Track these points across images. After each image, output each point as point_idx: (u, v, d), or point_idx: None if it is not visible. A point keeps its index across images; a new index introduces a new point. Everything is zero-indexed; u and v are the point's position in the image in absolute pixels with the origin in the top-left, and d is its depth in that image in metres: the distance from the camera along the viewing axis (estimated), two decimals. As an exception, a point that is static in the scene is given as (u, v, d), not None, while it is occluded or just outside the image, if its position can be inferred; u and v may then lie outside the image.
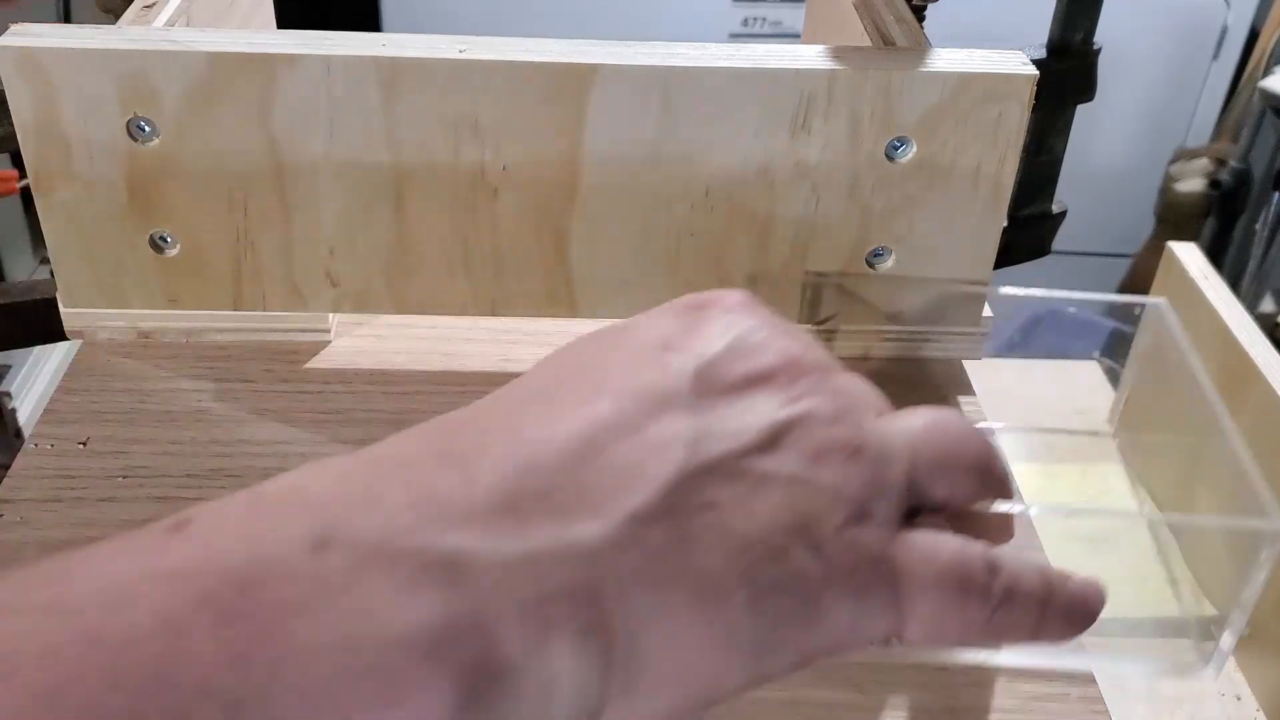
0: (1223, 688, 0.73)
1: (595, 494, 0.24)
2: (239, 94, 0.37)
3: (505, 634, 0.23)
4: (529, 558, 0.23)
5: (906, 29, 0.42)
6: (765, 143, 0.39)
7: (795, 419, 0.27)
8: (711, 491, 0.25)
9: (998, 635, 0.28)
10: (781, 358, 0.28)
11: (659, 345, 0.27)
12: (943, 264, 0.42)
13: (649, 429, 0.25)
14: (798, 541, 0.26)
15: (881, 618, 0.27)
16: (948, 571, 0.27)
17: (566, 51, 0.38)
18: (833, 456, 0.27)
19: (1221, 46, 1.73)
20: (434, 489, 0.23)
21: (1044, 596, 0.28)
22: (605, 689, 0.24)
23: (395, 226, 0.40)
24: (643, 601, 0.24)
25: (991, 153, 0.40)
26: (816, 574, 0.26)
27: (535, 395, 0.27)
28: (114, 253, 0.41)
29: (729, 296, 0.29)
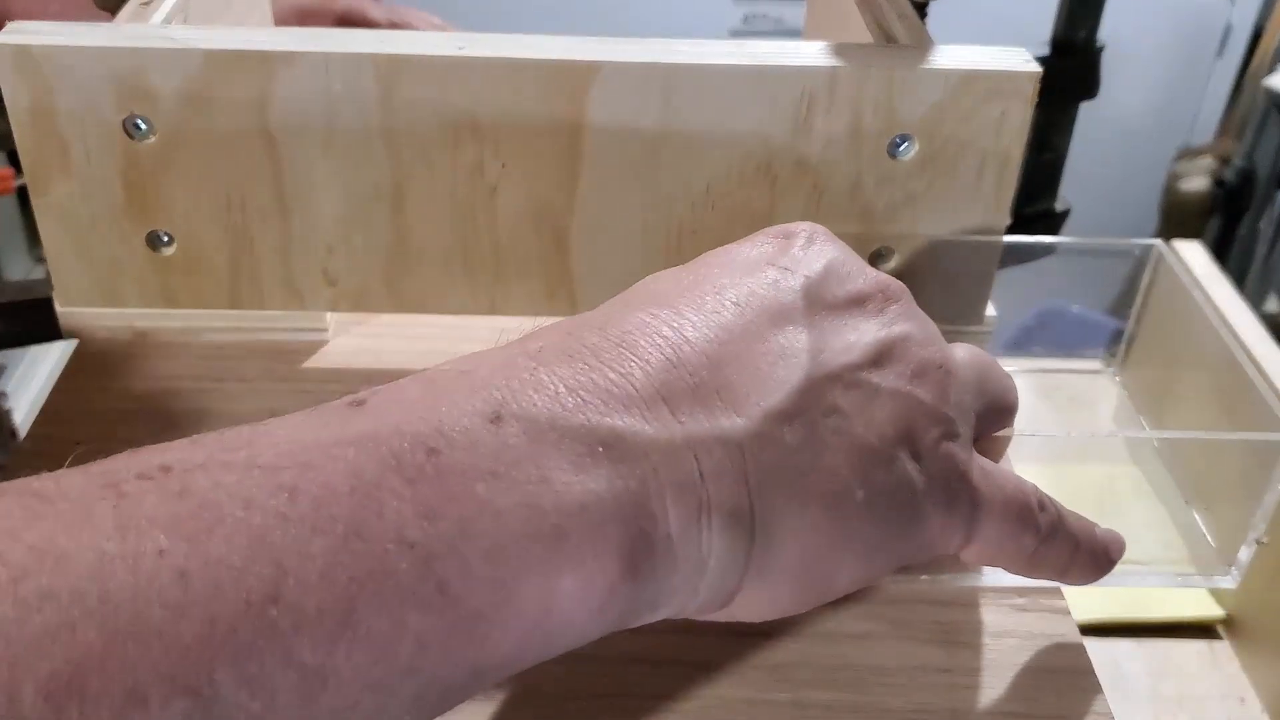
0: (1226, 689, 0.73)
1: (734, 392, 0.26)
2: (236, 92, 0.37)
3: (665, 510, 0.24)
4: (686, 441, 0.25)
5: (909, 26, 0.42)
6: (766, 140, 0.39)
7: (895, 338, 0.29)
8: (834, 398, 0.27)
9: (1037, 567, 0.31)
10: (873, 284, 0.30)
11: (765, 262, 0.29)
12: (946, 263, 0.42)
13: (774, 338, 0.27)
14: (904, 451, 0.28)
15: (957, 533, 0.29)
16: (1013, 500, 0.30)
17: (566, 49, 0.38)
18: (930, 375, 0.29)
19: (1225, 44, 1.72)
20: (593, 377, 0.25)
21: (1077, 539, 0.31)
22: (745, 570, 0.26)
23: (393, 225, 0.40)
24: (779, 494, 0.26)
25: (994, 151, 0.39)
26: (919, 484, 0.28)
27: (661, 301, 0.28)
28: (110, 251, 0.40)
29: (812, 226, 0.31)
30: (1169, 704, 0.72)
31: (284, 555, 0.20)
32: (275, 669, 0.19)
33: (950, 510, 0.29)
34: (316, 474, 0.21)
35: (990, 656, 0.33)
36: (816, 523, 0.26)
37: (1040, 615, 0.35)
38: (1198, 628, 0.77)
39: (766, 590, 0.27)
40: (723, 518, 0.25)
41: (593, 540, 0.23)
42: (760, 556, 0.26)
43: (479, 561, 0.22)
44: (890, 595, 0.35)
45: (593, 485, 0.23)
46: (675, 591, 0.25)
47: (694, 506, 0.25)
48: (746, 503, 0.26)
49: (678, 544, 0.25)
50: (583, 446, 0.24)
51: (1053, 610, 0.35)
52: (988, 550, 0.30)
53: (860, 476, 0.27)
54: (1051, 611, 0.35)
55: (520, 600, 0.22)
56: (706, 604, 0.27)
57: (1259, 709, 0.72)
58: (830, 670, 0.33)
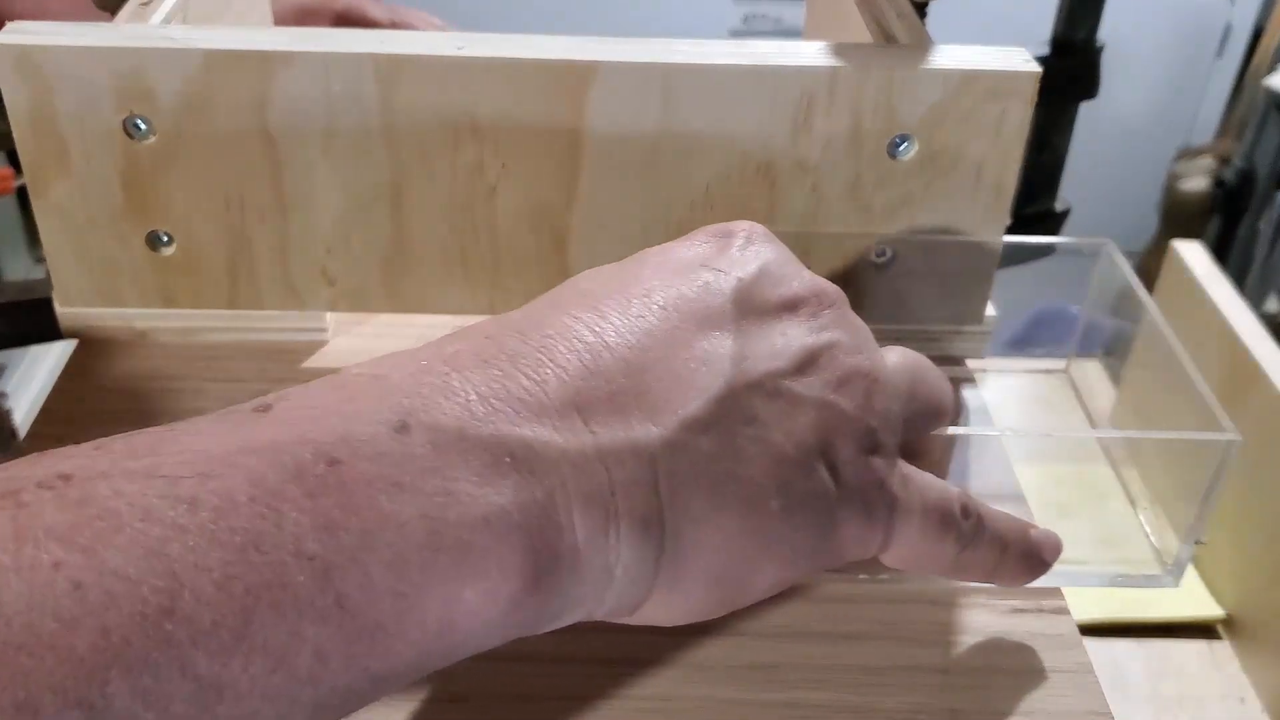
0: (1226, 689, 0.73)
1: (652, 399, 0.26)
2: (236, 91, 0.37)
3: (573, 522, 0.24)
4: (597, 452, 0.25)
5: (908, 26, 0.42)
6: (766, 140, 0.39)
7: (823, 346, 0.29)
8: (754, 407, 0.27)
9: (963, 570, 0.31)
10: (808, 288, 0.30)
11: (697, 264, 0.29)
12: (946, 263, 0.42)
13: (698, 343, 0.27)
14: (819, 460, 0.28)
15: (875, 540, 0.29)
16: (934, 507, 0.30)
17: (566, 48, 0.38)
18: (854, 385, 0.29)
19: (1225, 44, 1.72)
20: (506, 385, 0.25)
21: (1005, 542, 0.31)
22: (654, 579, 0.26)
23: (393, 225, 0.40)
24: (693, 502, 0.26)
25: (994, 151, 0.39)
26: (833, 492, 0.28)
27: (586, 303, 0.28)
28: (110, 252, 0.40)
29: (750, 226, 0.31)
30: (1169, 704, 0.72)
31: (180, 567, 0.20)
32: (170, 681, 0.19)
33: (867, 517, 0.29)
34: (217, 483, 0.21)
35: (989, 657, 0.33)
36: (730, 531, 0.27)
37: (1040, 615, 0.34)
38: (1198, 628, 0.77)
39: (678, 596, 0.27)
40: (632, 528, 0.25)
41: (497, 553, 0.23)
42: (670, 565, 0.26)
43: (380, 573, 0.22)
44: (888, 595, 0.35)
45: (498, 497, 0.23)
46: (581, 600, 0.26)
47: (602, 518, 0.25)
48: (657, 512, 0.26)
49: (584, 555, 0.25)
50: (490, 457, 0.24)
51: (1052, 610, 0.35)
52: (908, 554, 0.30)
53: (777, 485, 0.27)
54: (1051, 611, 0.35)
55: (421, 612, 0.22)
56: (614, 610, 0.27)
57: (1259, 709, 0.72)
58: (826, 671, 0.33)
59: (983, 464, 0.35)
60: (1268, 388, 0.71)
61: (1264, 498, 0.72)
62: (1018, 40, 0.41)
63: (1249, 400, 0.73)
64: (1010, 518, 0.32)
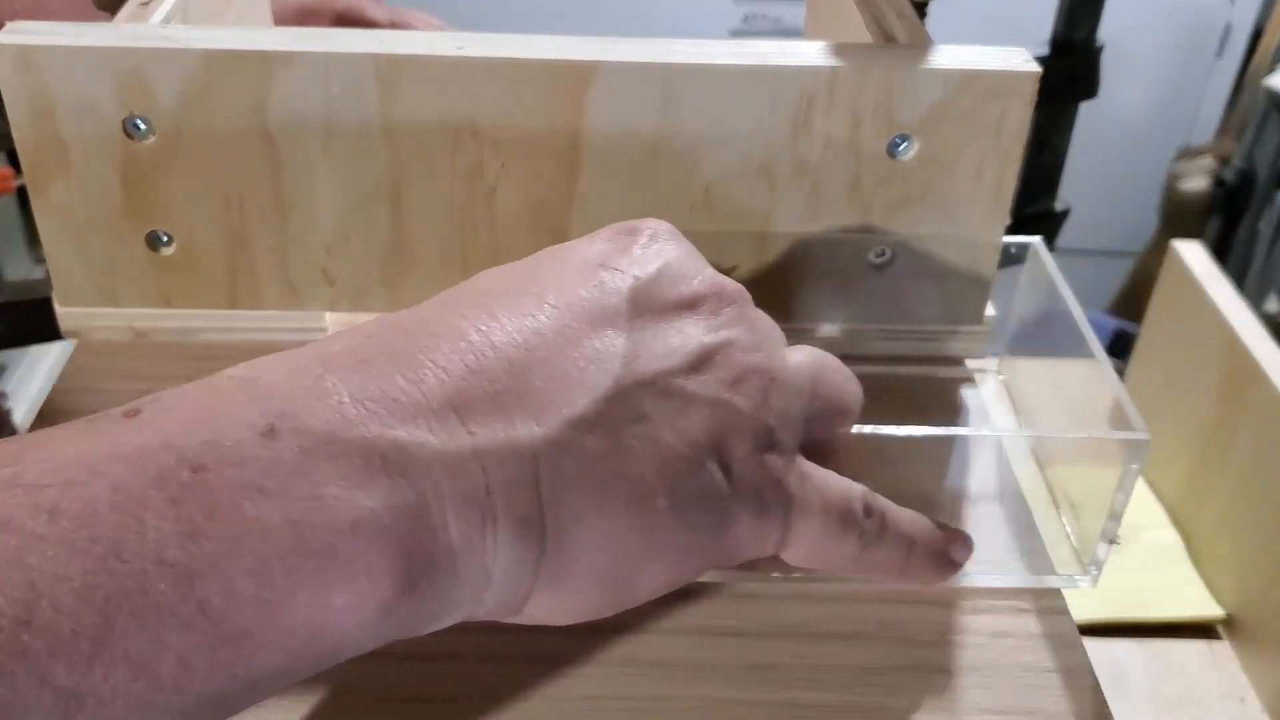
0: (1226, 689, 0.73)
1: (537, 399, 0.26)
2: (235, 92, 0.37)
3: (447, 524, 0.24)
4: (474, 453, 0.25)
5: (908, 26, 0.42)
6: (766, 140, 0.39)
7: (720, 345, 0.28)
8: (644, 405, 0.27)
9: (868, 568, 0.31)
10: (709, 286, 0.29)
11: (596, 263, 0.29)
12: (945, 263, 0.42)
13: (588, 342, 0.27)
14: (712, 459, 0.28)
15: (771, 537, 0.29)
16: (833, 505, 0.30)
17: (565, 49, 0.38)
18: (751, 384, 0.29)
19: (1225, 44, 1.72)
20: (383, 386, 0.25)
21: (911, 540, 0.31)
22: (534, 579, 0.26)
23: (392, 225, 0.40)
24: (577, 501, 0.26)
25: (994, 151, 0.39)
26: (726, 491, 0.28)
27: (478, 302, 0.28)
28: (109, 251, 0.40)
29: (657, 224, 0.31)
30: (1169, 704, 0.72)
31: (39, 577, 0.20)
32: (29, 691, 0.19)
33: (761, 515, 0.29)
34: (80, 491, 0.21)
35: (989, 657, 0.33)
36: (615, 530, 0.26)
37: (1039, 615, 0.34)
38: (1198, 628, 0.77)
39: (562, 595, 0.27)
40: (510, 528, 0.25)
41: (365, 557, 0.23)
42: (552, 565, 0.26)
43: (244, 580, 0.22)
44: (888, 595, 0.35)
45: (368, 501, 0.23)
46: (460, 601, 0.25)
47: (478, 519, 0.25)
48: (537, 513, 0.25)
49: (460, 557, 0.25)
50: (360, 460, 0.23)
51: (1052, 610, 0.35)
52: (809, 552, 0.30)
53: (665, 484, 0.27)
54: (1051, 612, 0.35)
55: (288, 618, 0.22)
56: (496, 610, 0.27)
57: (1259, 709, 0.72)
58: (826, 671, 0.33)
59: (980, 463, 0.35)
60: (1267, 388, 0.71)
61: (1264, 498, 0.72)
62: (1017, 40, 0.41)
63: (1249, 400, 0.73)
64: (918, 517, 0.32)
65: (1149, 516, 0.83)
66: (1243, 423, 0.74)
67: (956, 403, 0.43)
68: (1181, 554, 0.81)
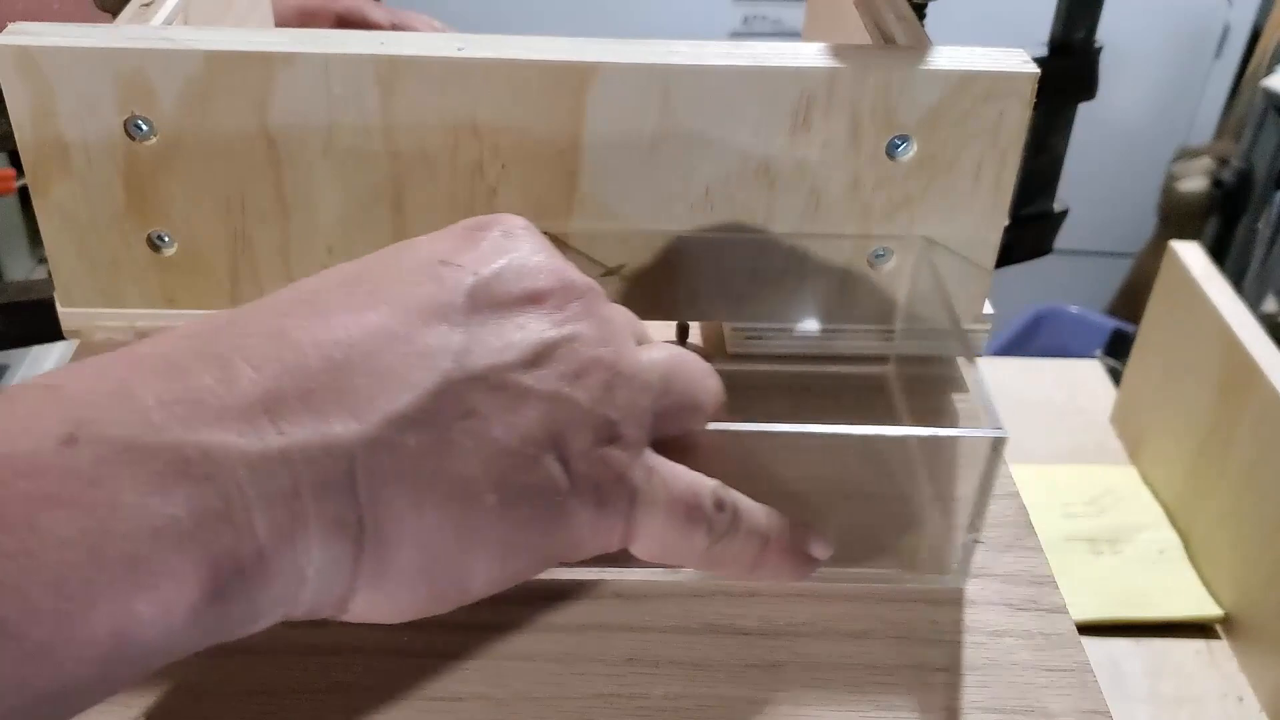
0: (1224, 688, 0.73)
1: (356, 396, 0.26)
2: (236, 92, 0.37)
3: (255, 526, 0.24)
4: (282, 454, 0.24)
5: (907, 27, 0.42)
6: (765, 141, 0.39)
7: (562, 339, 0.28)
8: (473, 401, 0.27)
9: (719, 563, 0.31)
10: (555, 280, 0.29)
11: (437, 260, 0.29)
12: (944, 263, 0.42)
13: (419, 338, 0.27)
14: (549, 453, 0.27)
15: (615, 532, 0.29)
16: (679, 500, 0.30)
17: (565, 49, 0.38)
18: (593, 378, 0.28)
19: (1224, 45, 1.73)
20: (191, 388, 0.24)
21: (765, 536, 0.31)
22: (353, 577, 0.26)
23: (393, 226, 0.40)
24: (396, 499, 0.26)
25: (993, 151, 0.40)
26: (564, 485, 0.28)
27: (307, 300, 0.27)
28: (111, 252, 0.40)
29: (510, 220, 0.31)
30: (1167, 703, 0.73)
31: None
32: None
33: (602, 510, 0.28)
34: None
35: (988, 656, 0.33)
36: (437, 528, 0.26)
37: (1038, 614, 0.35)
38: (1196, 627, 0.77)
39: (387, 593, 0.27)
40: (323, 528, 0.25)
41: (169, 563, 0.23)
42: (373, 563, 0.26)
43: (41, 594, 0.21)
44: (887, 595, 0.35)
45: (168, 508, 0.23)
46: (276, 601, 0.25)
47: (288, 520, 0.24)
48: (353, 512, 0.25)
49: (270, 558, 0.24)
50: (162, 465, 0.23)
51: (1051, 609, 0.35)
52: (656, 547, 0.30)
53: (493, 480, 0.27)
54: (1049, 610, 0.35)
55: (91, 629, 0.22)
56: (315, 609, 0.26)
57: (1257, 708, 0.72)
58: (827, 669, 0.33)
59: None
60: (1266, 388, 0.72)
61: (1262, 497, 0.72)
62: (1016, 41, 0.41)
63: (1247, 400, 0.74)
64: (775, 513, 0.32)
65: (1147, 516, 0.84)
66: (1241, 423, 0.74)
67: (953, 403, 0.43)
68: (1180, 554, 0.81)
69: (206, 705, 0.31)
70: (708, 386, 0.32)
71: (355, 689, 0.31)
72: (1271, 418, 0.71)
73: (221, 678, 0.31)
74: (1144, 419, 0.89)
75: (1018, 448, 0.92)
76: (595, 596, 0.34)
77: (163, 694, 0.31)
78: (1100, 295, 1.55)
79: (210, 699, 0.31)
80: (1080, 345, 1.23)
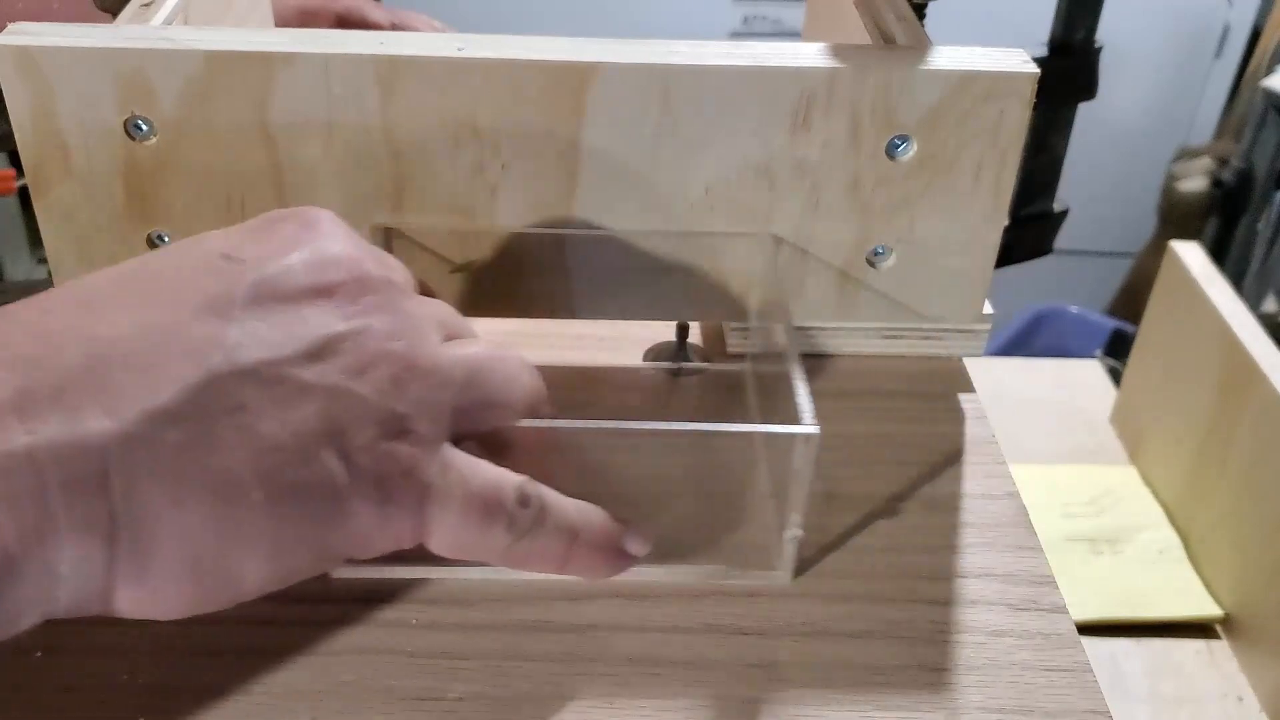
0: (1224, 688, 0.73)
1: (114, 393, 0.25)
2: (236, 93, 0.37)
3: (1, 525, 0.24)
4: (28, 453, 0.24)
5: (907, 27, 0.42)
6: (765, 141, 0.39)
7: (348, 333, 0.28)
8: (242, 396, 0.26)
9: (523, 561, 0.30)
10: (349, 274, 0.29)
11: (220, 254, 0.28)
12: (944, 263, 0.42)
13: (187, 333, 0.26)
14: (327, 448, 0.27)
15: (404, 527, 0.29)
16: (476, 495, 0.29)
17: (565, 50, 0.38)
18: (379, 372, 0.28)
19: (1224, 45, 1.73)
20: None
21: (575, 532, 0.31)
22: (110, 575, 0.26)
23: (393, 225, 0.40)
24: (154, 495, 0.25)
25: (993, 151, 0.40)
26: (342, 480, 0.27)
27: (78, 297, 0.28)
28: (111, 252, 0.40)
29: (310, 212, 0.31)
30: (1167, 703, 0.73)
31: None
32: None
33: (387, 506, 0.28)
34: None
35: (988, 655, 0.33)
36: (202, 524, 0.26)
37: (1038, 614, 0.35)
38: (1196, 627, 0.77)
39: (150, 590, 0.26)
40: (73, 526, 0.25)
41: None
42: (131, 560, 0.26)
43: None
44: (886, 595, 0.35)
45: None
46: (31, 601, 0.25)
47: (34, 519, 0.24)
48: (105, 510, 0.25)
49: (18, 559, 0.24)
50: None
51: (1051, 609, 0.35)
52: (453, 543, 0.29)
53: (261, 476, 0.26)
54: (1049, 610, 0.35)
55: None
56: (74, 608, 0.26)
57: (1256, 708, 0.72)
58: (826, 669, 0.33)
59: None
60: (1265, 388, 0.72)
61: (1262, 497, 0.72)
62: (1016, 41, 0.41)
63: (1247, 400, 0.74)
64: (588, 508, 0.31)
65: (1147, 516, 0.84)
66: (1241, 423, 0.74)
67: (955, 402, 0.43)
68: (1180, 553, 0.81)
69: (206, 705, 0.31)
70: (522, 383, 0.31)
71: (356, 689, 0.31)
72: (1271, 418, 0.71)
73: (223, 677, 0.32)
74: (1144, 419, 0.89)
75: (1018, 448, 0.92)
76: (595, 597, 0.34)
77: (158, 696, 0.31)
78: (1100, 295, 1.55)
79: (212, 696, 0.31)
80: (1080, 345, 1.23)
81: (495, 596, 0.34)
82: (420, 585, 0.34)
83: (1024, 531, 0.37)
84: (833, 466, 0.39)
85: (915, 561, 0.36)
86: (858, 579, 0.35)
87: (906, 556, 0.36)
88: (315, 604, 0.33)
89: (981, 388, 0.44)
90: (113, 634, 0.32)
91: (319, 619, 0.33)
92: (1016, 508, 0.38)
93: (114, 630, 0.32)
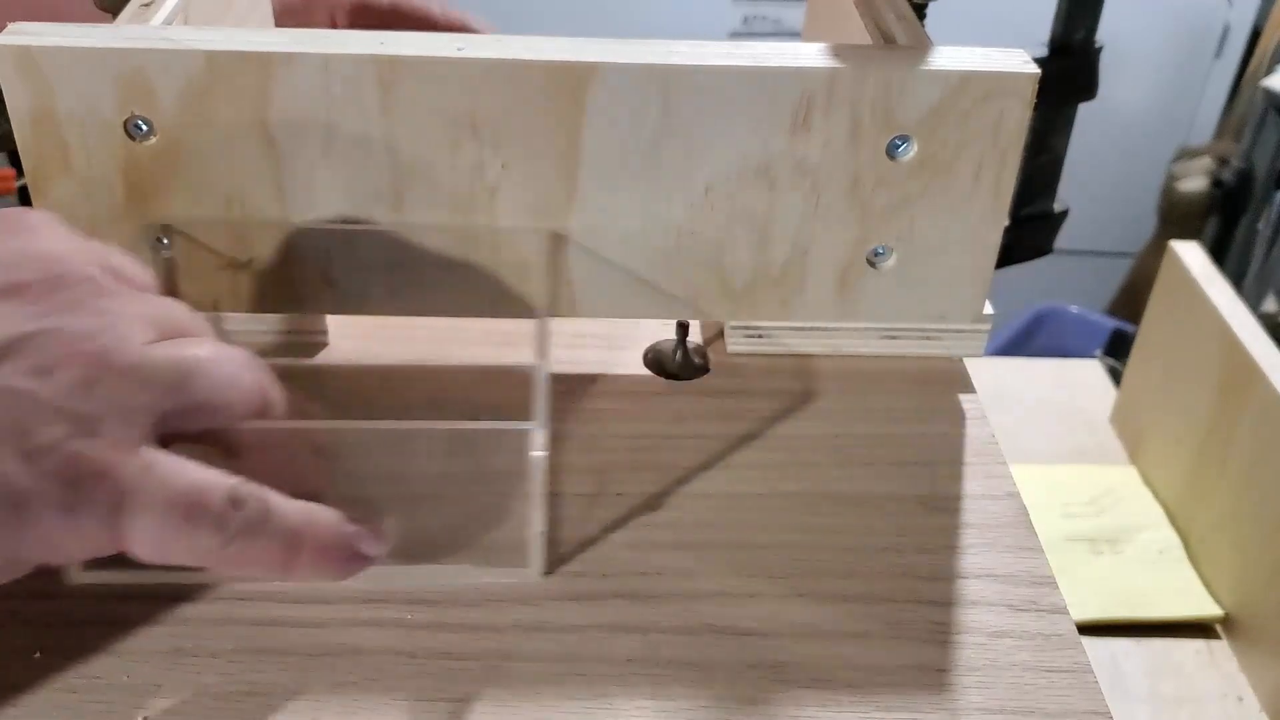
0: (1224, 688, 0.73)
1: None
2: (236, 93, 0.37)
3: None
4: None
5: (907, 27, 0.42)
6: (765, 141, 0.39)
7: (37, 332, 0.28)
8: None
9: (238, 564, 0.29)
10: (43, 273, 0.29)
11: None
12: (944, 263, 0.42)
13: None
14: (6, 449, 0.26)
15: (98, 532, 0.28)
16: (180, 497, 0.28)
17: (565, 49, 0.38)
18: (68, 372, 0.28)
19: (1224, 45, 1.73)
20: None
21: (297, 535, 0.29)
22: None
23: (393, 225, 0.40)
24: None
25: (993, 151, 0.40)
26: (24, 483, 0.27)
27: None
28: (111, 252, 0.40)
29: (19, 213, 0.30)
30: (1167, 703, 0.73)
31: None
32: None
33: (75, 510, 0.27)
34: None
35: (987, 656, 0.33)
36: None
37: (1038, 615, 0.35)
38: (1196, 627, 0.77)
39: None
40: None
41: None
42: None
43: None
44: (886, 595, 0.35)
45: None
46: None
47: None
48: None
49: None
50: None
51: (1051, 610, 0.35)
52: (153, 547, 0.28)
53: None
54: (1049, 611, 0.35)
55: None
56: None
57: (1257, 708, 0.72)
58: (827, 670, 0.33)
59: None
60: (1265, 388, 0.71)
61: (1262, 497, 0.72)
62: (1016, 41, 0.41)
63: (1247, 400, 0.74)
64: (316, 510, 0.30)
65: (1147, 516, 0.84)
66: (1241, 423, 0.74)
67: (955, 402, 0.43)
68: (1180, 553, 0.81)
69: (206, 705, 0.31)
70: (240, 384, 0.31)
71: (356, 689, 0.31)
72: (1271, 418, 0.71)
73: (222, 678, 0.32)
74: (1144, 419, 0.89)
75: (1018, 448, 0.92)
76: (595, 597, 0.34)
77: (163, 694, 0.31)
78: (1100, 295, 1.55)
79: (211, 697, 0.31)
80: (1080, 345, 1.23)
81: (495, 596, 0.34)
82: (420, 585, 0.34)
83: (1024, 532, 0.37)
84: (833, 467, 0.39)
85: (915, 561, 0.36)
86: (858, 579, 0.35)
87: (906, 556, 0.36)
88: (315, 605, 0.34)
89: (981, 388, 0.44)
90: (113, 634, 0.32)
91: (318, 619, 0.33)
92: (1017, 508, 0.38)
93: (114, 630, 0.32)
